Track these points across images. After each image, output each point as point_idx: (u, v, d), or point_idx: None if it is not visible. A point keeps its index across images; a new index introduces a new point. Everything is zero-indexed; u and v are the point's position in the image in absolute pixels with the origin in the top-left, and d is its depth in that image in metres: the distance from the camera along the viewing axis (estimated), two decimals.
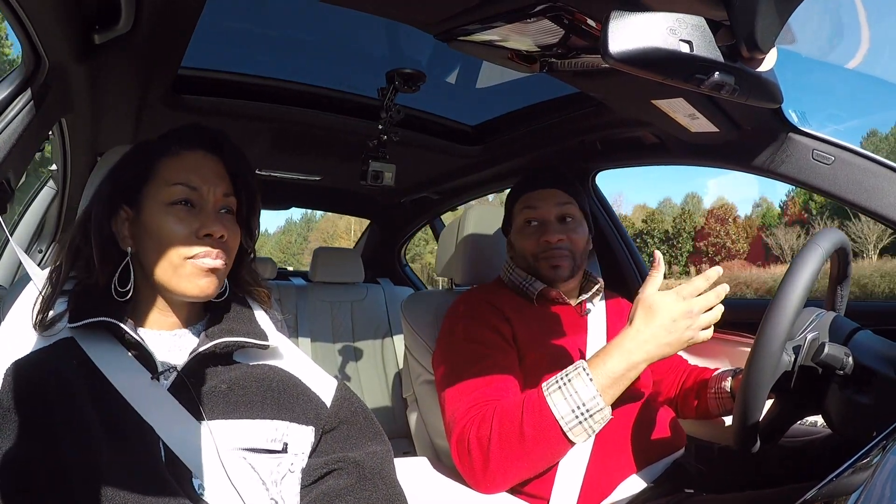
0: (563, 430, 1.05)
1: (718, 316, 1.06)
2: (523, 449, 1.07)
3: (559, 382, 1.09)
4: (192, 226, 0.84)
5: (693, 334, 1.04)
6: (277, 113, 1.72)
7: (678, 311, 1.03)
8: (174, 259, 0.83)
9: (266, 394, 0.85)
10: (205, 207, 0.87)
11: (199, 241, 0.84)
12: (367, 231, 3.49)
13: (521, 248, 1.40)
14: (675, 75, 0.69)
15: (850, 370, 0.93)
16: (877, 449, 0.64)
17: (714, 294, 1.05)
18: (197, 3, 1.04)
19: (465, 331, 1.30)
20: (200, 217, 0.85)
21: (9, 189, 1.15)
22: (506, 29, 0.98)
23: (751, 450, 0.99)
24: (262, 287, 1.00)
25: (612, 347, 1.08)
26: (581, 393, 1.06)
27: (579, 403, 1.05)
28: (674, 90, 1.18)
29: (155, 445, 0.76)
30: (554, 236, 1.36)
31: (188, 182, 0.86)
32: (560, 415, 1.06)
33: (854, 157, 1.33)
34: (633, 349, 1.05)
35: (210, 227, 0.84)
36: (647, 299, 1.06)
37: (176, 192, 0.85)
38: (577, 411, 1.05)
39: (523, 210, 1.41)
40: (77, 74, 1.21)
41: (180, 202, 0.85)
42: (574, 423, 1.05)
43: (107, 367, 0.79)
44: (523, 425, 1.07)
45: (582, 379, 1.07)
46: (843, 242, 1.00)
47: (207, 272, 0.84)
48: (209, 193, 0.87)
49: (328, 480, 0.85)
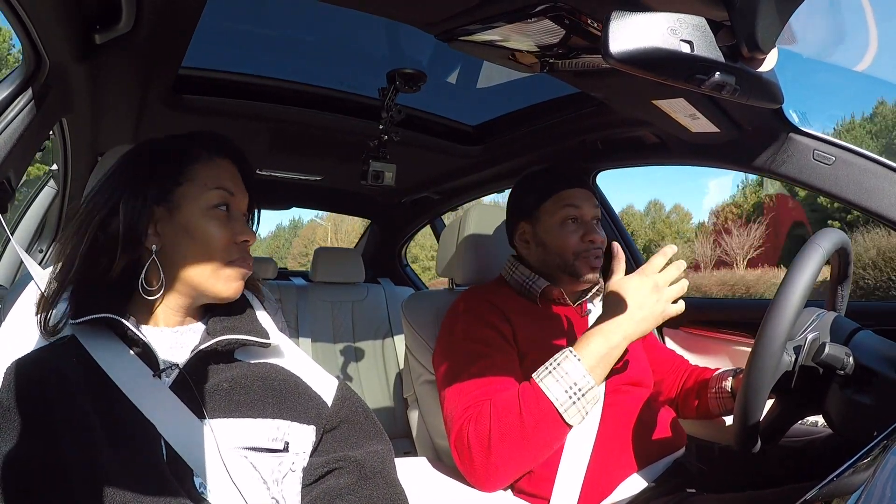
0: (560, 412, 1.08)
1: (685, 289, 1.13)
2: (524, 438, 1.08)
3: (548, 368, 1.13)
4: (231, 231, 0.88)
5: (664, 307, 1.11)
6: (278, 113, 1.72)
7: (645, 287, 1.11)
8: (216, 261, 0.87)
9: (267, 392, 0.85)
10: (235, 214, 0.91)
11: (237, 247, 0.89)
12: (367, 231, 3.49)
13: (558, 246, 1.37)
14: (675, 75, 0.69)
15: (850, 370, 0.93)
16: (877, 449, 0.64)
17: (674, 267, 1.13)
18: (197, 3, 1.04)
19: (465, 330, 1.30)
20: (236, 224, 0.90)
21: (9, 189, 1.15)
22: (506, 29, 0.98)
23: (751, 450, 0.99)
24: (257, 281, 1.04)
25: (592, 332, 1.13)
26: (572, 373, 1.10)
27: (571, 384, 1.09)
28: (674, 90, 1.18)
29: (156, 443, 0.76)
30: (598, 237, 1.36)
31: (227, 188, 0.90)
32: (554, 396, 1.09)
33: (855, 157, 1.33)
34: (611, 331, 1.11)
35: (246, 234, 0.90)
36: (614, 285, 1.15)
37: (216, 196, 0.88)
38: (570, 391, 1.09)
39: (564, 207, 1.37)
40: (78, 74, 1.21)
41: (220, 206, 0.88)
42: (568, 403, 1.08)
43: (108, 364, 0.79)
44: (522, 414, 1.08)
45: (570, 361, 1.11)
46: (844, 242, 1.00)
47: (241, 277, 0.90)
48: (241, 202, 0.93)
49: (329, 479, 0.85)
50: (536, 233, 1.41)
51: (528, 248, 1.44)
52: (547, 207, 1.39)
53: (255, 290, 1.02)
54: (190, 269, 0.86)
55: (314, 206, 3.24)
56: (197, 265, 0.86)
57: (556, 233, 1.37)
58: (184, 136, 0.94)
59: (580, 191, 1.39)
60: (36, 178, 2.45)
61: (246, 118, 1.72)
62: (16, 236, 2.38)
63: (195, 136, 0.94)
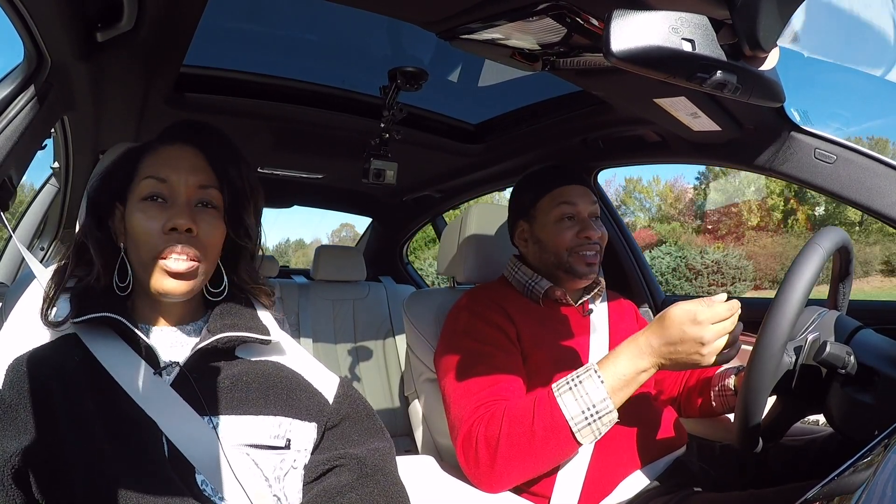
0: (573, 430, 1.05)
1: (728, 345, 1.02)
2: (532, 449, 1.07)
3: (570, 384, 1.09)
4: (160, 220, 0.82)
5: (699, 360, 1.01)
6: (280, 111, 1.72)
7: (690, 335, 1.00)
8: (144, 258, 0.83)
9: (269, 390, 0.85)
10: (177, 201, 0.84)
11: (165, 238, 0.81)
12: (368, 229, 3.49)
13: (553, 243, 1.37)
14: (677, 74, 0.69)
15: (851, 369, 0.93)
16: (878, 448, 0.64)
17: (731, 322, 1.01)
18: (199, 1, 1.04)
19: (468, 329, 1.30)
20: (171, 211, 0.83)
21: (11, 187, 1.15)
22: (508, 27, 0.98)
23: (753, 449, 0.99)
24: (264, 287, 0.98)
25: (623, 350, 1.07)
26: (592, 395, 1.05)
27: (590, 405, 1.05)
28: (676, 89, 1.18)
29: (157, 440, 0.76)
30: (593, 232, 1.35)
31: (157, 174, 0.84)
32: (570, 415, 1.05)
33: (856, 155, 1.33)
34: (643, 353, 1.05)
35: (175, 220, 0.81)
36: (668, 311, 1.04)
37: (146, 186, 0.84)
38: (587, 412, 1.05)
39: (560, 205, 1.37)
40: (79, 72, 1.21)
41: (150, 197, 0.84)
42: (583, 424, 1.05)
43: (109, 362, 0.79)
44: (534, 426, 1.07)
45: (593, 381, 1.06)
46: (844, 241, 1.00)
47: (174, 275, 0.82)
48: (181, 185, 0.84)
49: (330, 477, 0.85)
50: (534, 231, 1.42)
51: (527, 246, 1.44)
52: (543, 205, 1.40)
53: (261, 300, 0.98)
54: (135, 267, 0.85)
55: (315, 205, 3.23)
56: (136, 262, 0.84)
57: (552, 230, 1.37)
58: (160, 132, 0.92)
59: (576, 187, 1.39)
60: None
61: (247, 116, 1.72)
62: (17, 234, 2.38)
63: (165, 129, 0.92)
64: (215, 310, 0.91)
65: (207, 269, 0.87)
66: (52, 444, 0.71)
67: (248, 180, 0.91)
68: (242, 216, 0.90)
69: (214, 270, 0.90)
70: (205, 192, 0.87)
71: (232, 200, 0.89)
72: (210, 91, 1.59)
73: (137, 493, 0.69)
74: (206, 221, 0.85)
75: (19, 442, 0.70)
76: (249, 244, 0.93)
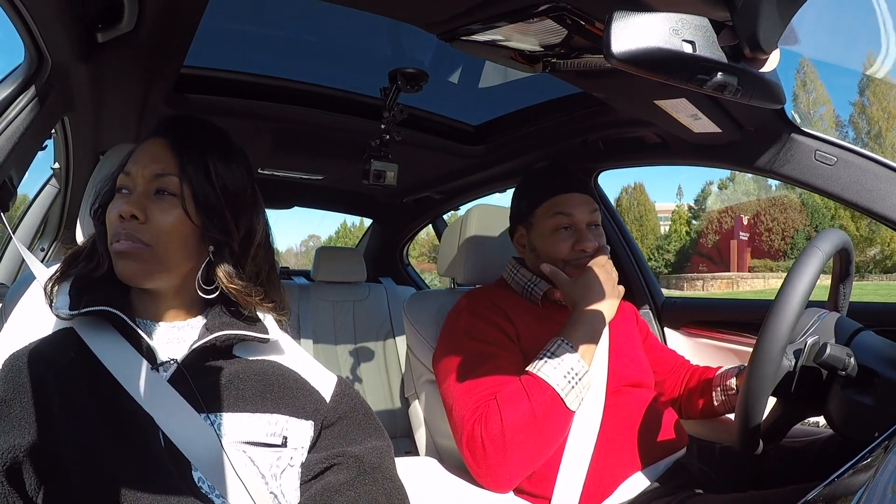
0: (561, 396, 1.12)
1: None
2: (537, 427, 1.10)
3: (543, 357, 1.16)
4: (115, 209, 0.84)
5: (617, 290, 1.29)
6: (280, 112, 1.72)
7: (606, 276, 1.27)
8: (111, 244, 0.85)
9: (265, 388, 0.85)
10: (135, 190, 0.85)
11: (116, 225, 0.83)
12: (369, 230, 3.49)
13: (548, 253, 1.35)
14: (677, 76, 0.69)
15: (852, 371, 0.93)
16: (879, 449, 0.64)
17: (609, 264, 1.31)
18: (200, 1, 1.04)
19: (468, 329, 1.29)
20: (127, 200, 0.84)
21: (11, 187, 1.15)
22: (509, 29, 0.98)
23: (753, 451, 0.99)
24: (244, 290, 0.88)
25: (574, 321, 1.21)
26: (567, 360, 1.14)
27: (568, 369, 1.13)
28: (676, 90, 1.18)
29: (154, 436, 0.76)
30: (590, 245, 1.33)
31: (126, 169, 0.87)
32: (555, 382, 1.12)
33: (856, 157, 1.33)
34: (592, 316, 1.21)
35: (120, 207, 0.83)
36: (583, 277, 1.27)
37: (119, 181, 0.87)
38: (567, 376, 1.13)
39: (556, 215, 1.34)
40: (80, 73, 1.21)
41: (119, 190, 0.87)
42: (568, 388, 1.12)
43: (106, 357, 0.79)
44: (532, 403, 1.10)
45: (563, 348, 1.16)
46: (845, 243, 1.00)
47: (120, 256, 0.83)
48: (138, 176, 0.85)
49: (328, 475, 0.85)
50: (531, 238, 1.41)
51: (524, 251, 1.44)
52: (539, 214, 1.38)
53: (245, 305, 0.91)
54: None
55: (316, 206, 3.24)
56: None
57: (548, 240, 1.35)
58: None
59: (574, 196, 1.36)
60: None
61: (248, 117, 1.72)
62: (17, 234, 2.38)
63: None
64: (214, 308, 0.91)
65: (163, 255, 0.84)
66: (47, 439, 0.70)
67: (217, 167, 0.87)
68: (210, 202, 0.86)
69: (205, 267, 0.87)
70: (160, 180, 0.85)
71: (197, 188, 0.86)
72: (210, 92, 1.59)
73: (134, 489, 0.69)
74: (160, 208, 0.84)
75: (12, 438, 0.70)
76: (225, 238, 0.87)
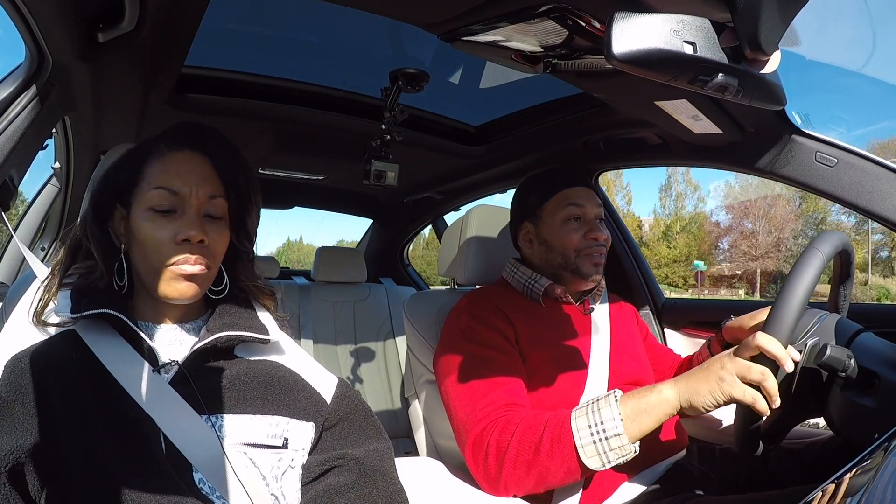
0: (576, 446, 1.01)
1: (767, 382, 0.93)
2: (537, 460, 1.04)
3: (588, 403, 1.06)
4: (171, 231, 0.83)
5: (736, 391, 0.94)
6: (281, 112, 1.72)
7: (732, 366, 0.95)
8: (154, 264, 0.84)
9: (267, 389, 0.86)
10: (187, 211, 0.85)
11: (177, 248, 0.83)
12: (369, 230, 3.49)
13: (561, 244, 1.37)
14: (678, 77, 0.69)
15: (852, 372, 0.93)
16: (879, 451, 0.64)
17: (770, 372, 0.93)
18: (201, 1, 1.04)
19: (467, 331, 1.29)
20: (181, 221, 0.84)
21: (12, 187, 1.15)
22: (510, 29, 0.98)
23: (753, 452, 0.99)
24: (263, 287, 0.99)
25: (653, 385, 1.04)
26: (602, 412, 1.02)
27: (597, 421, 1.01)
28: (677, 91, 1.18)
29: (155, 438, 0.76)
30: (601, 234, 1.36)
31: (169, 186, 0.85)
32: (576, 428, 1.02)
33: (857, 159, 1.33)
34: (667, 386, 1.02)
35: (187, 232, 0.83)
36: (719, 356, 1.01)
37: (156, 196, 0.85)
38: (592, 428, 1.01)
39: (567, 206, 1.38)
40: (80, 73, 1.21)
41: (160, 207, 0.84)
42: (587, 440, 1.00)
43: (108, 359, 0.80)
44: (542, 437, 1.04)
45: (608, 401, 1.04)
46: (845, 244, 1.00)
47: (186, 277, 0.84)
48: (192, 196, 0.85)
49: (328, 477, 0.85)
50: (539, 232, 1.42)
51: (531, 247, 1.44)
52: (549, 206, 1.40)
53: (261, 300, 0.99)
54: (140, 269, 0.86)
55: (316, 206, 3.24)
56: (143, 265, 0.86)
57: (559, 231, 1.38)
58: (159, 133, 0.92)
59: (582, 189, 1.40)
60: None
61: (249, 117, 1.72)
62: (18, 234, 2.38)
63: (166, 131, 0.91)
64: (215, 309, 0.91)
65: (213, 274, 0.89)
66: (48, 441, 0.71)
67: (251, 187, 0.92)
68: (245, 221, 0.93)
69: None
70: (213, 202, 0.88)
71: (237, 208, 0.91)
72: (211, 92, 1.60)
73: (135, 490, 0.69)
74: (215, 231, 0.87)
75: (14, 439, 0.70)
76: (249, 247, 0.96)
